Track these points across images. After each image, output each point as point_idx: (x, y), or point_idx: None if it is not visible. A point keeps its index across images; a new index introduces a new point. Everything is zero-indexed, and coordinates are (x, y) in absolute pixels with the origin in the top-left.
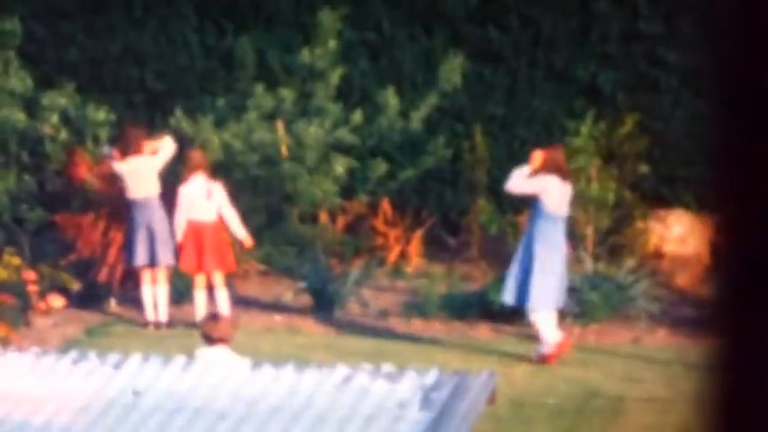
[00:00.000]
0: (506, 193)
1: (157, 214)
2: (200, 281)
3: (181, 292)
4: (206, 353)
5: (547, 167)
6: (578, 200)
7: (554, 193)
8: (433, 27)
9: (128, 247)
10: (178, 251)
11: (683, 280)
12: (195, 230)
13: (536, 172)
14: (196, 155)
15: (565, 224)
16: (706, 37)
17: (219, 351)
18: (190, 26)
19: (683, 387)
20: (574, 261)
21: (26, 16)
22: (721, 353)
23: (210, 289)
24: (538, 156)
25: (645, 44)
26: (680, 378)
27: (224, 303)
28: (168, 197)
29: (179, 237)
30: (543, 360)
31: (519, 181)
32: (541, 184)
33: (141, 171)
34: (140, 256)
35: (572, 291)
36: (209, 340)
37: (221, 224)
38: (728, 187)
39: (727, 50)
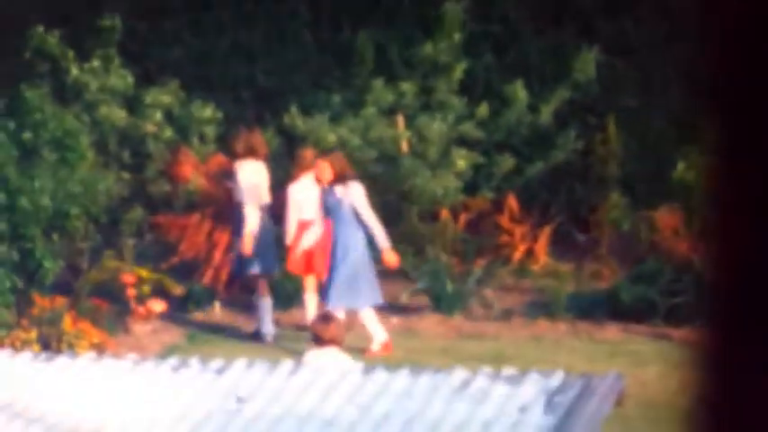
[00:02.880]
0: (641, 188)
1: (269, 221)
2: (310, 283)
3: (290, 295)
4: (316, 354)
5: (338, 175)
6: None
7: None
8: (561, 20)
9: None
10: (287, 253)
11: None
12: (305, 231)
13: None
14: (308, 153)
15: (354, 217)
16: None
17: (330, 352)
18: (302, 21)
19: None
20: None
21: (128, 14)
22: None
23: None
24: (325, 167)
25: None
26: None
27: None
28: (277, 196)
29: (290, 238)
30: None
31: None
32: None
33: (262, 176)
34: (265, 265)
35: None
36: (320, 341)
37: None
38: None
39: None
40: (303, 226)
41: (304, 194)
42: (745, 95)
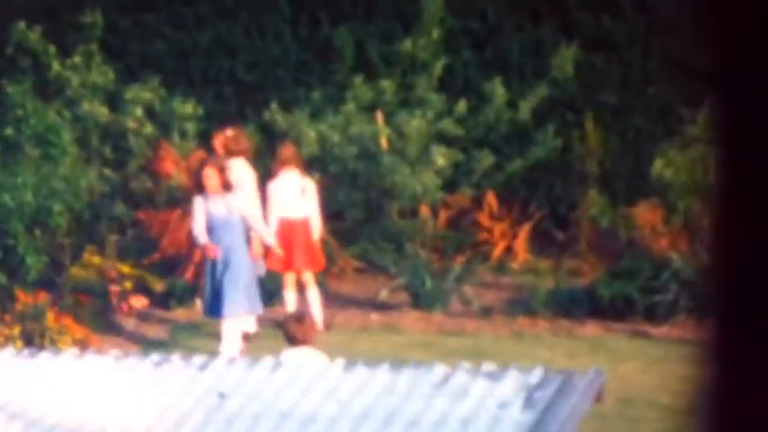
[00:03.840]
0: (620, 185)
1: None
2: (289, 280)
3: (271, 292)
4: (291, 354)
5: (225, 182)
6: (695, 190)
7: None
8: (541, 16)
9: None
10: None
11: None
12: (284, 228)
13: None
14: (288, 150)
15: (242, 225)
16: None
17: (305, 352)
18: (282, 18)
19: None
20: (690, 253)
21: (109, 9)
22: None
23: (302, 288)
24: (211, 174)
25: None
26: None
27: (316, 302)
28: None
29: (269, 235)
30: None
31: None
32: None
33: (244, 174)
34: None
35: (688, 284)
36: (293, 341)
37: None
38: None
39: None
40: (283, 223)
41: (284, 191)
42: (733, 86)
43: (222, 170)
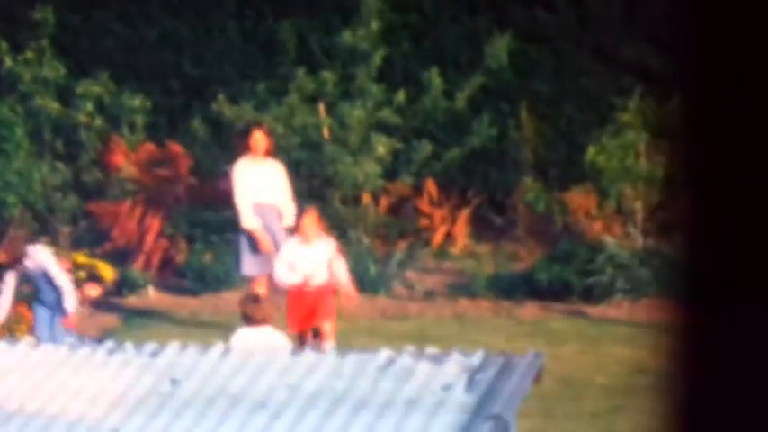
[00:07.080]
0: (554, 171)
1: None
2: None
3: (220, 278)
4: (246, 333)
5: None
6: (627, 175)
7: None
8: (476, 8)
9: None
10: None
11: None
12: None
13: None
14: (310, 218)
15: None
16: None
17: (263, 330)
18: (227, 13)
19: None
20: (623, 236)
21: (60, 6)
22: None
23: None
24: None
25: None
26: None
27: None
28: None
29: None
30: None
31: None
32: None
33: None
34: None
35: (622, 267)
36: (252, 321)
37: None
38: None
39: None
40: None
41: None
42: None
43: (13, 243)
